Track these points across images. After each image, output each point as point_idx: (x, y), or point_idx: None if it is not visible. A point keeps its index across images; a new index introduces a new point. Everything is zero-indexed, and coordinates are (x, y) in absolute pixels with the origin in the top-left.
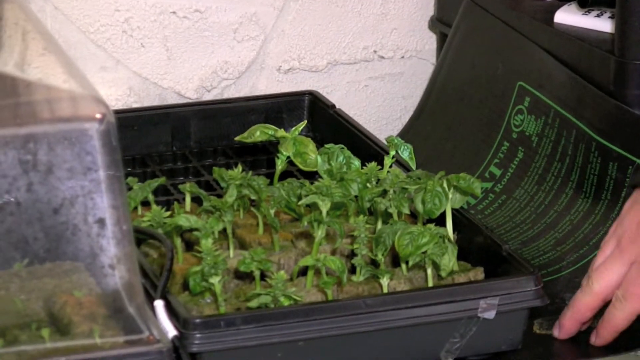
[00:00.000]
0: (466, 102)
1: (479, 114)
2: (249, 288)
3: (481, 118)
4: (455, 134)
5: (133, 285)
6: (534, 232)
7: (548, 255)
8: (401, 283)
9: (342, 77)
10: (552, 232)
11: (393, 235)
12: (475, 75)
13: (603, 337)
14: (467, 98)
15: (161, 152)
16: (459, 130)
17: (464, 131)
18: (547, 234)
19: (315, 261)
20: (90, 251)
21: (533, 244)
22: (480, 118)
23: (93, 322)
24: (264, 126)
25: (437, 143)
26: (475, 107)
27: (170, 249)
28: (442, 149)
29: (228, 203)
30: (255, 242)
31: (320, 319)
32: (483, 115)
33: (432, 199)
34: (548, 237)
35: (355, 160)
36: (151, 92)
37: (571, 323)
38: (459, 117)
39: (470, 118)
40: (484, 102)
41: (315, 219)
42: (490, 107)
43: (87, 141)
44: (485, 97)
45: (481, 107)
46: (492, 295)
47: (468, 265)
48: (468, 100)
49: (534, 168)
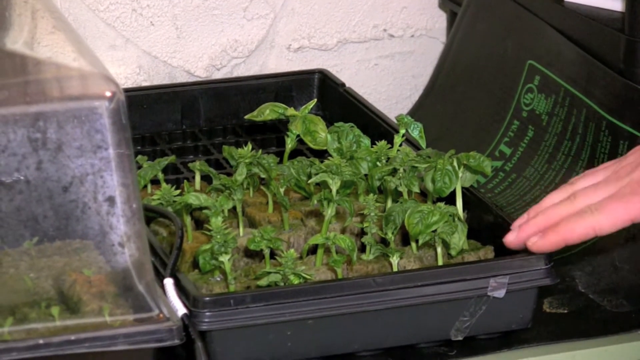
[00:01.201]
0: (476, 81)
1: (489, 92)
2: (259, 266)
3: (491, 97)
4: (465, 112)
5: (143, 264)
6: None
7: None
8: (411, 262)
9: (352, 56)
10: None
11: (403, 214)
12: (485, 54)
13: (549, 242)
14: (477, 77)
15: (171, 130)
16: (469, 108)
17: (474, 110)
18: None
19: (325, 240)
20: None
21: None
22: (490, 97)
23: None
24: (273, 105)
25: (447, 121)
26: (485, 86)
27: (180, 227)
28: (452, 127)
29: (238, 181)
30: (265, 221)
31: (329, 297)
32: (493, 94)
33: (442, 178)
34: None
35: (365, 138)
36: (161, 70)
37: (534, 230)
38: (469, 95)
39: (480, 97)
40: (494, 81)
41: (325, 198)
42: (500, 85)
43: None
44: (495, 76)
45: (491, 86)
46: (501, 273)
47: (478, 244)
48: (478, 79)
49: (544, 147)
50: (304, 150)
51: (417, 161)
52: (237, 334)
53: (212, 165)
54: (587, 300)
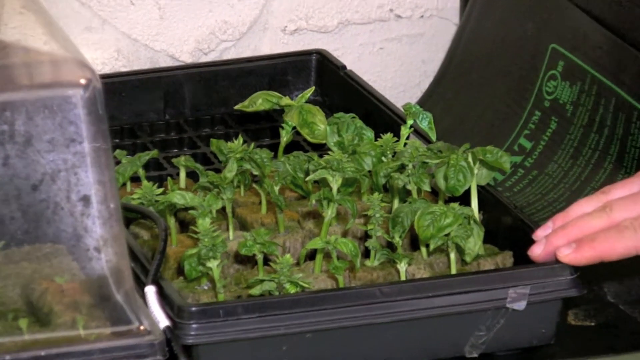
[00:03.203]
0: (493, 67)
1: (507, 79)
2: (251, 273)
3: (509, 84)
4: (481, 102)
5: (121, 270)
6: None
7: None
8: (421, 269)
9: (355, 39)
10: None
11: (412, 215)
12: (503, 37)
13: (584, 256)
14: (494, 62)
15: (153, 121)
16: (485, 98)
17: (491, 99)
18: None
19: (325, 244)
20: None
21: None
22: (508, 84)
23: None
24: (267, 93)
25: (460, 112)
26: (503, 72)
27: (163, 229)
28: (466, 118)
29: (227, 179)
30: (257, 222)
31: (330, 308)
32: (511, 81)
33: (455, 175)
34: None
35: (369, 130)
36: (141, 55)
37: (564, 241)
38: (484, 83)
39: (498, 84)
40: (512, 67)
41: (325, 197)
42: (520, 72)
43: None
44: (514, 61)
45: (509, 72)
46: (522, 283)
47: (496, 249)
48: (495, 65)
49: (569, 140)
50: (301, 143)
51: (428, 156)
52: (227, 349)
53: (198, 160)
54: (616, 311)
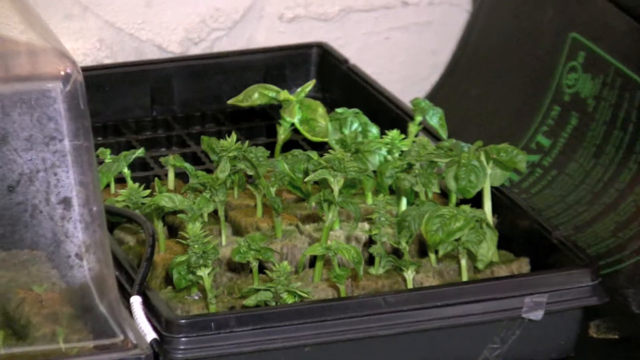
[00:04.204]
0: (508, 58)
1: (524, 71)
2: (245, 282)
3: (526, 77)
4: (495, 96)
5: (105, 279)
6: (591, 215)
7: (607, 243)
8: (429, 277)
9: (358, 28)
10: (612, 214)
11: (420, 219)
12: (519, 25)
13: None
14: (509, 53)
15: (139, 117)
16: (500, 91)
17: (506, 93)
18: (606, 217)
19: (325, 250)
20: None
21: (589, 229)
22: (525, 77)
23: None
24: (263, 87)
25: (473, 107)
26: (519, 64)
27: (150, 234)
28: (479, 114)
29: (220, 180)
30: (252, 227)
31: (331, 319)
32: (528, 74)
33: (466, 175)
34: (607, 220)
35: (374, 127)
36: (126, 45)
37: None
38: (499, 75)
39: (513, 77)
40: (529, 58)
41: (325, 199)
42: (538, 63)
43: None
44: (531, 52)
45: (526, 64)
46: (539, 291)
47: (511, 255)
48: (510, 56)
49: (591, 137)
50: (300, 141)
51: (437, 155)
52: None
53: (188, 159)
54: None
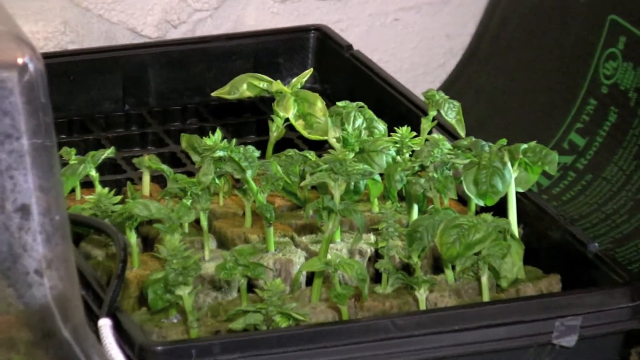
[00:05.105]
0: (536, 43)
1: (554, 59)
2: (232, 303)
3: (557, 65)
4: (521, 87)
5: (69, 299)
6: (632, 227)
7: None
8: (445, 296)
9: (362, 8)
10: None
11: (434, 230)
12: (549, 6)
13: None
14: (538, 37)
15: (109, 112)
16: (526, 82)
17: (533, 84)
18: None
19: (325, 265)
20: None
21: (630, 242)
22: (556, 65)
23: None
24: (252, 76)
25: (495, 100)
26: (549, 50)
27: (122, 247)
28: (501, 107)
29: (202, 184)
30: (240, 239)
31: (331, 346)
32: (560, 62)
33: (488, 179)
34: None
35: (380, 123)
36: (94, 28)
37: None
38: (525, 64)
39: (542, 65)
40: (560, 43)
41: (325, 207)
42: (570, 50)
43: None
44: (563, 36)
45: (557, 50)
46: (572, 313)
47: (539, 272)
48: (539, 41)
49: (632, 136)
50: (296, 140)
51: (454, 155)
52: None
53: (166, 161)
54: None
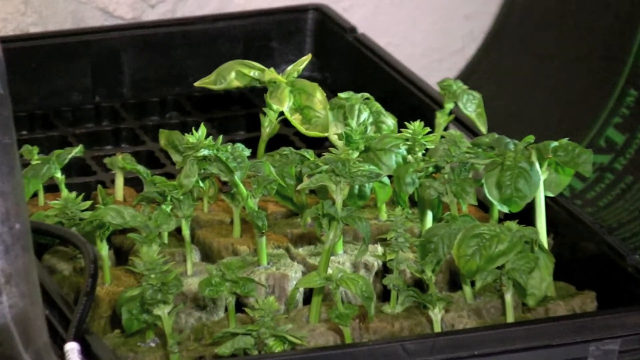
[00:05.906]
0: (568, 26)
1: (589, 45)
2: (218, 324)
3: (592, 51)
4: (550, 76)
5: (31, 319)
6: None
7: None
8: (463, 316)
9: None
10: None
11: (450, 240)
12: None
13: None
14: (570, 19)
15: (76, 104)
16: (556, 70)
17: (564, 72)
18: None
19: (325, 281)
20: None
21: None
22: (590, 51)
23: None
24: (242, 64)
25: (520, 91)
26: (583, 34)
27: (91, 260)
28: (528, 100)
29: (184, 188)
30: (227, 250)
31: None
32: (595, 48)
33: (512, 182)
34: None
35: (389, 117)
36: (59, 8)
37: None
38: (556, 49)
39: (574, 51)
40: (596, 27)
41: (325, 214)
42: (607, 34)
43: None
44: (597, 19)
45: (591, 35)
46: (609, 336)
47: (572, 289)
48: (571, 23)
49: None
50: (291, 136)
51: (473, 154)
52: None
53: (142, 161)
54: None
